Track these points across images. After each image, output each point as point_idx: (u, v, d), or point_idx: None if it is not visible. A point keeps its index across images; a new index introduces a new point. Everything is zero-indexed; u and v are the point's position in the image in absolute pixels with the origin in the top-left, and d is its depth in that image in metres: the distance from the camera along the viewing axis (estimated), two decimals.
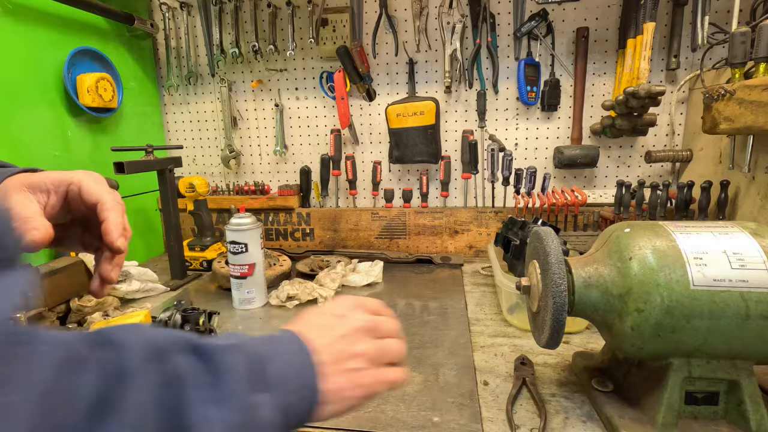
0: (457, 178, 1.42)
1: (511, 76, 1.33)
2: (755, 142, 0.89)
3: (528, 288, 0.65)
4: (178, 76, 1.47)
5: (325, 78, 1.41)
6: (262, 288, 1.04)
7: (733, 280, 0.52)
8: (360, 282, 1.14)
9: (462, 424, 0.61)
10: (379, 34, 1.35)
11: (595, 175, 1.35)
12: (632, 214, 1.14)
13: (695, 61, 1.22)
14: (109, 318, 0.94)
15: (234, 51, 1.38)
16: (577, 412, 0.63)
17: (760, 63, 0.83)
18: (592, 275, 0.59)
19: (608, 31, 1.26)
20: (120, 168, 0.97)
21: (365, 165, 1.46)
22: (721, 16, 1.18)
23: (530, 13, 1.26)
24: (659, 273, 0.53)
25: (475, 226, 1.34)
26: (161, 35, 1.46)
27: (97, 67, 1.21)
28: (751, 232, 0.56)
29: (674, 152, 1.21)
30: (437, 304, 1.02)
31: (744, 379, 0.55)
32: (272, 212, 1.44)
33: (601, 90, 1.30)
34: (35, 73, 1.05)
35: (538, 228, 0.64)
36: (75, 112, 1.16)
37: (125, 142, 1.33)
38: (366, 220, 1.40)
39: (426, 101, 1.31)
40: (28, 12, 1.04)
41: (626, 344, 0.57)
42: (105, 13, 1.22)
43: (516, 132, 1.37)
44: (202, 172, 1.57)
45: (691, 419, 0.57)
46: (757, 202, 0.93)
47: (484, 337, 0.86)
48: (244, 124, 1.50)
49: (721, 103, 0.87)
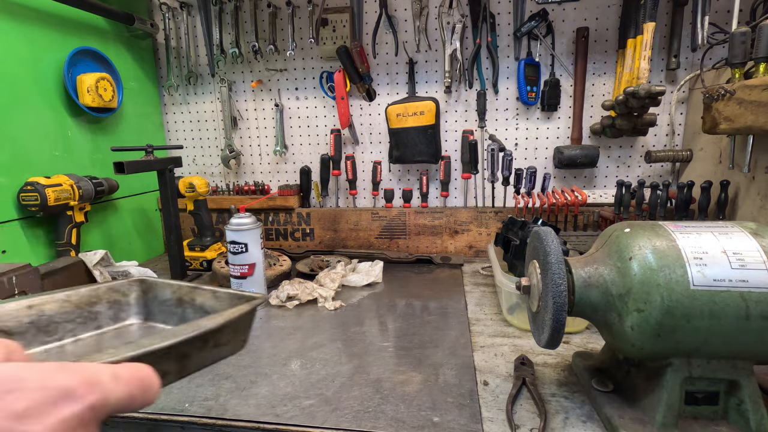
0: (457, 178, 1.42)
1: (511, 76, 1.33)
2: (755, 142, 0.89)
3: (528, 288, 0.65)
4: (178, 76, 1.47)
5: (325, 78, 1.41)
6: (262, 288, 1.04)
7: (733, 280, 0.52)
8: (360, 282, 1.14)
9: (462, 424, 0.61)
10: (379, 34, 1.35)
11: (595, 175, 1.35)
12: (632, 214, 1.14)
13: (695, 61, 1.22)
14: None
15: (234, 51, 1.38)
16: (577, 412, 0.63)
17: (760, 63, 0.83)
18: (592, 275, 0.59)
19: (608, 31, 1.27)
20: (120, 168, 0.97)
21: (365, 165, 1.46)
22: (721, 16, 1.18)
23: (530, 13, 1.26)
24: (659, 273, 0.53)
25: (475, 226, 1.35)
26: (161, 35, 1.46)
27: (97, 67, 1.21)
28: (751, 232, 0.56)
29: (674, 152, 1.21)
30: (437, 304, 1.02)
31: (744, 379, 0.55)
32: (272, 212, 1.44)
33: (601, 90, 1.30)
34: (35, 73, 1.05)
35: (538, 228, 0.64)
36: (75, 112, 1.16)
37: (125, 142, 1.33)
38: (366, 220, 1.40)
39: (426, 101, 1.31)
40: (28, 12, 1.04)
41: (626, 344, 0.57)
42: (105, 13, 1.22)
43: (516, 132, 1.37)
44: (202, 172, 1.57)
45: (691, 419, 0.57)
46: (757, 202, 0.93)
47: (484, 337, 0.86)
48: (244, 124, 1.50)
49: (721, 103, 0.87)
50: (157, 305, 0.62)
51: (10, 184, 0.98)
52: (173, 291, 0.61)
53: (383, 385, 0.71)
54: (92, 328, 0.59)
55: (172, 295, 0.61)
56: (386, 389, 0.70)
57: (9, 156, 0.99)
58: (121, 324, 0.61)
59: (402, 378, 0.73)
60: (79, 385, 0.26)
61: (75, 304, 0.58)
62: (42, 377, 0.25)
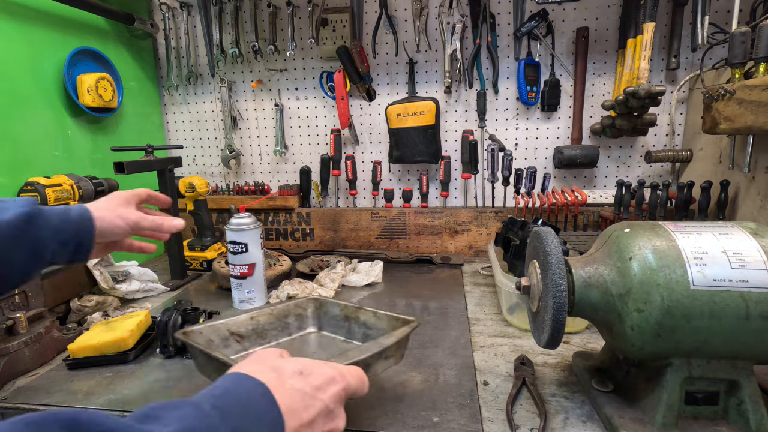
0: (457, 178, 1.42)
1: (511, 76, 1.33)
2: (755, 142, 0.89)
3: (528, 288, 0.65)
4: (178, 76, 1.47)
5: (325, 78, 1.41)
6: (262, 288, 1.04)
7: (733, 280, 0.52)
8: (360, 282, 1.14)
9: (462, 424, 0.61)
10: (379, 34, 1.35)
11: (595, 175, 1.35)
12: (632, 214, 1.14)
13: (695, 61, 1.22)
14: (109, 318, 0.94)
15: (234, 51, 1.38)
16: (577, 412, 0.63)
17: (760, 63, 0.83)
18: (592, 275, 0.59)
19: (608, 31, 1.27)
20: (120, 168, 0.97)
21: (365, 165, 1.46)
22: (721, 16, 1.18)
23: (530, 13, 1.26)
24: (659, 273, 0.53)
25: (475, 226, 1.34)
26: (161, 35, 1.46)
27: (97, 67, 1.21)
28: (751, 232, 0.56)
29: (674, 152, 1.21)
30: (437, 304, 1.02)
31: (744, 379, 0.55)
32: (272, 212, 1.44)
33: (601, 90, 1.30)
34: (35, 73, 1.05)
35: (538, 228, 0.64)
36: (75, 112, 1.16)
37: (125, 142, 1.33)
38: (366, 220, 1.40)
39: (426, 101, 1.31)
40: (28, 12, 1.04)
41: (626, 344, 0.57)
42: (105, 13, 1.22)
43: (516, 132, 1.37)
44: (202, 172, 1.57)
45: (691, 419, 0.57)
46: (757, 202, 0.93)
47: (484, 337, 0.86)
48: (244, 124, 1.50)
49: (721, 103, 0.87)
50: (328, 319, 0.79)
51: (10, 184, 0.98)
52: (341, 309, 0.77)
53: (383, 385, 0.70)
54: (285, 335, 0.77)
55: (340, 312, 0.77)
56: (386, 389, 0.70)
57: (9, 156, 0.99)
58: (303, 332, 0.79)
59: (402, 378, 0.72)
60: (336, 375, 0.42)
61: (276, 317, 0.76)
62: (320, 368, 0.42)
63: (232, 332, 0.70)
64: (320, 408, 0.39)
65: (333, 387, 0.41)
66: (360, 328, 0.74)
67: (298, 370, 0.40)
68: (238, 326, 0.71)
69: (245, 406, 0.34)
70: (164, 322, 0.80)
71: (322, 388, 0.40)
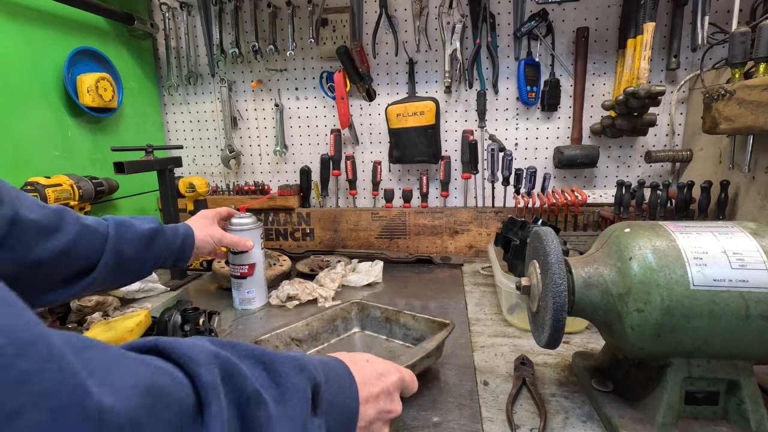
0: (457, 178, 1.42)
1: (511, 76, 1.33)
2: (755, 142, 0.89)
3: (528, 288, 0.65)
4: (178, 76, 1.47)
5: (325, 78, 1.42)
6: (263, 288, 1.04)
7: (733, 280, 0.52)
8: (360, 282, 1.14)
9: (462, 424, 0.61)
10: (379, 34, 1.35)
11: (595, 175, 1.35)
12: (632, 214, 1.14)
13: (695, 61, 1.22)
14: (109, 318, 0.94)
15: (234, 51, 1.38)
16: (577, 412, 0.63)
17: (760, 63, 0.83)
18: (592, 275, 0.59)
19: (608, 31, 1.27)
20: (120, 168, 0.97)
21: (365, 165, 1.46)
22: (721, 16, 1.18)
23: (530, 13, 1.26)
24: (659, 273, 0.53)
25: (475, 226, 1.34)
26: (161, 35, 1.46)
27: (97, 67, 1.21)
28: (751, 232, 0.56)
29: (674, 152, 1.21)
30: (437, 304, 1.02)
31: (744, 379, 0.55)
32: (272, 212, 1.44)
33: (601, 90, 1.30)
34: (35, 73, 1.05)
35: (538, 228, 0.64)
36: (75, 112, 1.16)
37: (125, 142, 1.33)
38: (366, 220, 1.40)
39: (426, 101, 1.31)
40: (28, 12, 1.04)
41: (626, 344, 0.57)
42: (105, 13, 1.22)
43: (516, 132, 1.37)
44: (202, 172, 1.57)
45: (691, 419, 0.57)
46: (757, 202, 0.93)
47: (484, 337, 0.86)
48: (244, 124, 1.50)
49: (721, 103, 0.87)
50: (370, 321, 0.87)
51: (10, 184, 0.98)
52: (381, 312, 0.85)
53: None
54: (334, 337, 0.85)
55: (381, 315, 0.85)
56: None
57: (9, 156, 0.99)
58: (349, 333, 0.87)
59: None
60: (394, 368, 0.50)
61: (326, 321, 0.84)
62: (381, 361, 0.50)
63: (293, 338, 0.79)
64: (383, 387, 0.47)
65: (392, 376, 0.49)
66: (400, 330, 0.83)
67: (365, 359, 0.49)
68: (297, 332, 0.79)
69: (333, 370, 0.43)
70: (164, 322, 0.80)
71: (385, 374, 0.48)
